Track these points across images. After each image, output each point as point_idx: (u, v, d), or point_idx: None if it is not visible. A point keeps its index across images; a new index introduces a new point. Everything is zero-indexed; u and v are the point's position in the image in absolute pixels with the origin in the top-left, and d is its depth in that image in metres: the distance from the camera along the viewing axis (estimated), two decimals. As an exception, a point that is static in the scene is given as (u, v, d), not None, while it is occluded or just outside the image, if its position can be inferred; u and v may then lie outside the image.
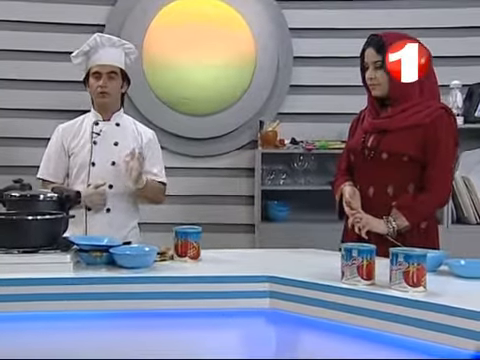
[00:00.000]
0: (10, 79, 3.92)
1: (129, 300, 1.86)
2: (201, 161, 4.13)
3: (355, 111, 3.91)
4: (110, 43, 2.81)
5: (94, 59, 2.80)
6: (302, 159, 3.98)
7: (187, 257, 2.12)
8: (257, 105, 4.09)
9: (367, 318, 1.64)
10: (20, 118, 3.95)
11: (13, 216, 1.97)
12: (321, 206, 4.00)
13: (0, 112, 3.94)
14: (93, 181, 2.76)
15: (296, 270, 1.97)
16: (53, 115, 3.84)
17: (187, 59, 3.99)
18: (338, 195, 2.52)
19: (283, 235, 3.84)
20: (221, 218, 4.09)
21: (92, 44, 2.79)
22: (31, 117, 3.94)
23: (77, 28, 3.98)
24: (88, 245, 1.99)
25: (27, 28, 3.96)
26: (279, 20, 4.08)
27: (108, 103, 2.82)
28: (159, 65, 3.98)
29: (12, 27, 3.95)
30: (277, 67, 4.08)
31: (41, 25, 3.98)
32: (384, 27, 3.49)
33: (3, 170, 3.82)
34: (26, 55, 3.94)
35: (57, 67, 3.91)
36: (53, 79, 3.95)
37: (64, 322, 1.86)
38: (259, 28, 4.05)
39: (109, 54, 2.80)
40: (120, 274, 1.90)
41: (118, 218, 2.82)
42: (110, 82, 2.79)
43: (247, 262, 2.17)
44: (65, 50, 3.85)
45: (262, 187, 3.90)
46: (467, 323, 1.47)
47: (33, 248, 1.94)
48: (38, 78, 3.94)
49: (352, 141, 2.53)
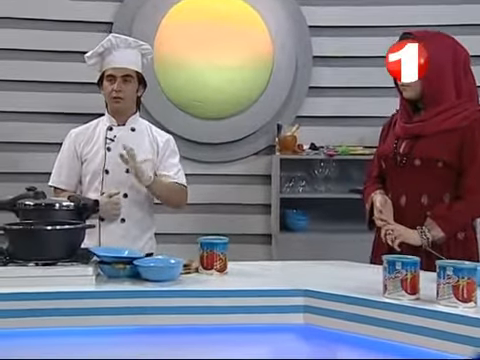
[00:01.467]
0: (17, 80, 3.97)
1: (155, 315, 1.87)
2: (215, 167, 4.16)
3: (379, 114, 3.98)
4: (125, 44, 2.82)
5: (108, 61, 2.82)
6: (322, 165, 4.01)
7: (213, 270, 2.13)
8: (274, 108, 4.12)
9: (412, 335, 1.66)
10: (29, 122, 3.98)
11: (31, 226, 1.98)
12: (342, 215, 4.04)
13: (8, 115, 3.99)
14: (107, 189, 2.78)
15: (329, 283, 1.98)
16: (65, 119, 3.88)
17: (200, 59, 4.03)
18: (368, 204, 2.53)
19: (302, 246, 3.87)
20: (236, 228, 4.11)
21: (106, 45, 2.80)
22: (41, 121, 3.98)
23: (84, 26, 4.04)
24: (110, 257, 2.01)
25: (31, 26, 4.00)
26: (297, 17, 4.11)
27: (122, 108, 2.84)
28: (170, 65, 4.02)
29: (16, 25, 3.99)
30: (295, 67, 4.11)
31: (46, 23, 4.02)
32: (413, 24, 3.51)
33: (13, 177, 3.88)
34: (32, 55, 3.99)
35: (65, 67, 3.97)
36: (62, 80, 3.99)
37: (85, 338, 1.87)
38: (276, 26, 4.09)
39: (124, 56, 2.82)
40: (146, 287, 1.92)
41: (133, 229, 2.83)
42: (125, 86, 2.80)
43: (276, 275, 2.19)
44: (71, 49, 3.94)
45: (280, 195, 3.94)
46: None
47: (52, 260, 1.96)
48: (45, 79, 3.99)
49: (383, 147, 2.55)
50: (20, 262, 1.97)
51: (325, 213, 4.08)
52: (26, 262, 1.96)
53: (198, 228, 4.07)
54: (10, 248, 1.99)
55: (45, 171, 3.31)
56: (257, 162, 4.17)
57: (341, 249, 3.65)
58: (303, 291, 1.88)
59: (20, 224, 2.04)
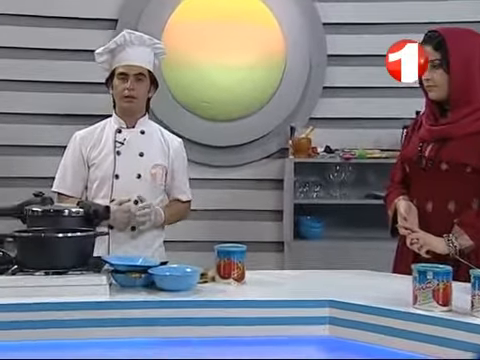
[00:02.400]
0: (17, 80, 4.00)
1: (172, 326, 1.88)
2: (224, 172, 4.18)
3: (398, 116, 4.02)
4: (140, 41, 2.83)
5: (120, 58, 2.82)
6: (338, 169, 4.03)
7: (231, 279, 2.14)
8: (287, 109, 4.14)
9: (444, 348, 1.66)
10: (30, 124, 4.01)
11: (41, 233, 2.00)
12: (359, 222, 4.06)
13: (7, 117, 4.01)
14: (117, 196, 2.78)
15: (353, 293, 1.99)
16: (68, 120, 3.92)
17: (209, 58, 4.06)
18: (391, 210, 2.54)
19: (316, 254, 3.88)
20: (246, 235, 4.10)
21: (120, 41, 2.81)
22: (43, 123, 4.02)
23: (87, 23, 4.06)
24: (125, 265, 2.02)
25: (31, 23, 4.03)
26: (311, 14, 4.14)
27: (134, 108, 2.85)
28: (178, 65, 4.03)
29: (15, 22, 4.02)
30: (309, 66, 4.14)
31: (47, 19, 4.05)
32: (433, 21, 3.53)
33: (13, 182, 3.91)
34: (33, 53, 4.02)
35: (67, 66, 4.00)
36: (64, 80, 4.02)
37: (99, 351, 1.87)
38: (289, 23, 4.11)
39: (138, 53, 2.83)
40: (162, 297, 1.92)
41: (143, 237, 2.85)
42: (138, 85, 2.81)
43: (296, 285, 2.19)
44: (74, 47, 3.97)
45: (294, 201, 3.94)
46: None
47: (63, 269, 1.97)
48: (46, 79, 4.02)
49: (407, 150, 2.55)
50: (29, 271, 1.98)
51: (341, 220, 4.10)
52: (36, 271, 1.97)
53: (206, 235, 4.09)
54: (19, 256, 2.00)
55: (47, 176, 3.33)
56: (269, 166, 4.19)
57: (358, 258, 3.67)
58: (327, 302, 1.89)
59: (30, 231, 2.05)
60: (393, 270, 2.56)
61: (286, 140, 4.12)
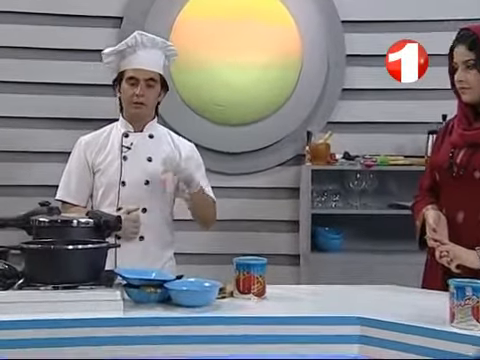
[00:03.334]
0: (15, 82, 4.02)
1: (190, 344, 1.88)
2: (236, 180, 4.19)
3: (423, 120, 4.03)
4: (152, 44, 2.85)
5: (130, 61, 2.84)
6: (358, 177, 4.03)
7: (251, 294, 2.15)
8: (303, 113, 4.16)
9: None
10: (31, 128, 4.03)
11: (51, 245, 2.01)
12: (381, 234, 4.06)
13: (5, 121, 4.03)
14: (123, 204, 2.79)
15: (383, 310, 2.00)
16: (72, 125, 3.94)
17: (220, 58, 4.08)
18: (419, 221, 2.55)
19: (335, 268, 3.88)
20: (259, 247, 4.11)
21: (131, 43, 2.83)
22: (44, 127, 4.04)
23: (90, 21, 4.09)
24: (139, 279, 2.03)
25: (30, 21, 4.06)
26: (329, 11, 4.16)
27: (143, 114, 2.87)
28: (187, 65, 4.04)
29: (12, 20, 4.04)
30: (327, 67, 4.15)
31: (47, 17, 4.08)
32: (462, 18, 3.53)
33: (10, 190, 3.93)
34: (33, 53, 4.04)
35: (70, 67, 4.03)
36: (66, 82, 4.04)
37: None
38: (306, 21, 4.13)
39: (149, 57, 2.84)
40: (180, 314, 1.93)
41: (153, 248, 2.86)
42: (148, 91, 2.83)
43: (321, 300, 2.20)
44: (77, 47, 4.00)
45: (311, 211, 3.95)
46: None
47: (73, 283, 1.98)
48: (47, 80, 4.04)
49: (437, 156, 2.56)
50: (38, 285, 1.98)
51: (361, 231, 4.10)
52: (44, 285, 1.98)
53: (217, 247, 4.11)
54: (26, 270, 2.01)
55: (48, 184, 3.36)
56: (284, 174, 4.20)
57: (380, 272, 3.67)
58: (357, 319, 1.89)
59: (38, 243, 2.06)
60: (422, 285, 2.57)
61: (302, 146, 4.13)
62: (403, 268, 3.62)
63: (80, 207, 2.87)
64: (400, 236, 3.94)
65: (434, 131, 3.73)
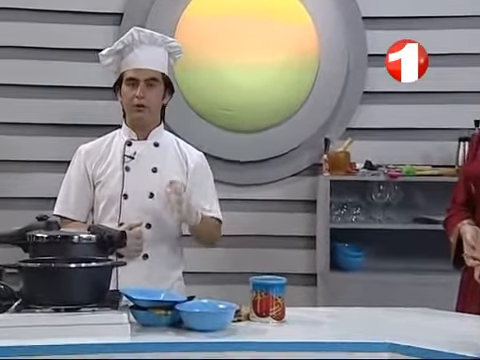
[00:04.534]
0: (8, 84, 4.03)
1: (205, 372, 1.90)
2: (247, 191, 4.20)
3: (453, 126, 4.04)
4: (151, 40, 2.87)
5: (129, 60, 2.86)
6: (381, 189, 4.03)
7: (269, 317, 2.16)
8: (321, 118, 4.17)
9: None
10: (25, 136, 4.04)
11: (51, 263, 2.02)
12: (406, 251, 4.06)
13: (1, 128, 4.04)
14: (126, 219, 2.80)
15: (415, 335, 2.00)
16: (71, 132, 3.95)
17: (229, 58, 4.09)
18: (454, 237, 2.56)
19: (356, 289, 3.88)
20: (272, 265, 4.09)
21: (128, 41, 2.85)
22: (40, 134, 4.05)
23: (88, 18, 4.11)
24: (147, 300, 2.04)
25: (24, 18, 4.07)
26: (349, 6, 4.17)
27: (145, 119, 2.88)
28: (193, 66, 4.06)
29: (5, 17, 4.06)
30: (347, 68, 4.16)
31: (42, 14, 4.09)
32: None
33: (9, 203, 3.94)
34: (27, 52, 4.06)
35: (68, 68, 4.05)
36: (65, 84, 4.06)
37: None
38: (323, 17, 4.15)
39: (149, 55, 2.86)
40: (193, 338, 1.94)
41: (158, 267, 2.86)
42: (149, 91, 2.84)
43: (347, 324, 2.21)
44: (74, 46, 4.03)
45: (329, 225, 3.95)
46: None
47: (76, 305, 1.99)
48: (43, 83, 4.05)
49: (472, 166, 2.58)
50: (37, 307, 2.00)
51: (384, 248, 4.09)
52: (44, 307, 2.00)
53: (227, 266, 4.11)
54: (24, 290, 2.03)
55: (43, 196, 3.36)
56: (299, 185, 4.21)
57: (406, 293, 3.67)
58: (387, 345, 1.90)
59: (37, 261, 2.07)
60: (456, 308, 2.58)
61: (320, 154, 4.14)
62: (432, 289, 3.63)
63: (80, 223, 2.88)
64: (428, 254, 3.97)
65: (466, 138, 3.75)
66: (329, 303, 3.82)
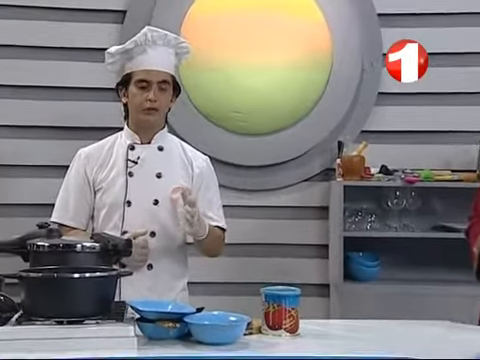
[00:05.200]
0: (2, 85, 4.04)
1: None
2: (256, 197, 4.21)
3: (474, 128, 4.03)
4: (164, 41, 2.89)
5: (139, 61, 2.87)
6: (398, 195, 4.03)
7: (282, 330, 2.17)
8: (333, 120, 4.18)
9: None
10: (21, 139, 4.05)
11: (54, 273, 2.03)
12: (425, 260, 4.06)
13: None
14: (129, 227, 2.82)
15: (438, 351, 2.00)
16: (69, 134, 3.97)
17: (238, 58, 4.10)
18: (478, 247, 2.56)
19: (371, 300, 3.89)
20: (282, 275, 4.10)
21: (141, 40, 2.86)
22: (37, 137, 4.05)
23: (88, 15, 4.11)
24: (154, 312, 2.05)
25: (22, 16, 4.08)
26: (364, 3, 4.17)
27: (153, 122, 2.90)
28: (200, 65, 4.06)
29: (4, 14, 4.07)
30: (361, 68, 4.17)
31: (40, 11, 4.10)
32: None
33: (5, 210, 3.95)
34: (24, 52, 4.07)
35: (67, 68, 4.06)
36: (63, 85, 4.07)
37: None
38: (336, 14, 4.15)
39: (162, 56, 2.88)
40: (203, 352, 1.94)
41: (163, 277, 2.87)
42: (161, 95, 2.86)
43: (363, 338, 2.21)
44: (73, 45, 4.04)
45: (343, 233, 3.95)
46: None
47: (80, 317, 2.00)
48: (41, 83, 4.06)
49: (495, 171, 2.58)
50: (38, 320, 2.01)
51: (401, 257, 4.10)
52: (46, 320, 2.01)
53: (234, 276, 4.12)
54: (25, 302, 2.04)
55: (40, 202, 3.37)
56: (311, 190, 4.21)
57: (424, 306, 3.68)
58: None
59: (38, 271, 2.08)
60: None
61: (332, 159, 4.15)
62: (453, 301, 3.62)
63: (79, 231, 2.90)
64: (447, 263, 3.97)
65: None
66: (342, 315, 3.83)
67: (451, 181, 3.96)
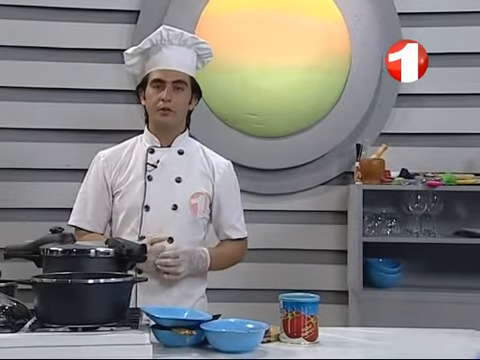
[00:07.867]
0: (16, 87, 4.08)
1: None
2: (273, 201, 4.22)
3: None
4: (180, 40, 2.90)
5: (155, 61, 2.89)
6: (419, 199, 4.02)
7: (301, 338, 2.18)
8: (352, 122, 4.18)
9: None
10: (37, 142, 4.08)
11: (68, 279, 2.04)
12: (447, 267, 4.05)
13: (5, 133, 4.08)
14: (147, 232, 2.83)
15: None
16: (87, 137, 3.99)
17: (254, 58, 4.11)
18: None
19: (391, 307, 3.89)
20: (299, 282, 4.11)
21: (156, 40, 2.88)
22: (53, 140, 4.09)
23: (102, 16, 4.15)
24: (170, 319, 2.06)
25: (33, 16, 4.12)
26: (384, 2, 4.18)
27: (170, 123, 2.91)
28: (215, 66, 4.00)
29: (11, 14, 4.10)
30: (380, 68, 4.16)
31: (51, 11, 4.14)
32: None
33: (11, 215, 3.97)
34: (36, 53, 4.10)
35: (82, 69, 4.08)
36: (79, 87, 4.10)
37: None
38: (356, 14, 4.16)
39: (177, 56, 2.89)
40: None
41: (181, 284, 2.88)
42: (176, 95, 2.87)
43: (384, 346, 2.21)
44: (87, 46, 4.08)
45: (362, 238, 3.95)
46: None
47: (94, 324, 2.01)
48: (55, 85, 4.09)
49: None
50: (52, 326, 2.03)
51: (423, 263, 4.10)
52: (60, 326, 2.02)
53: (251, 282, 4.13)
54: (39, 308, 2.05)
55: (60, 206, 3.39)
56: (329, 194, 4.22)
57: (447, 313, 3.67)
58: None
59: (52, 276, 2.10)
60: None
61: (351, 162, 4.15)
62: (476, 309, 3.61)
63: (97, 234, 2.92)
64: (471, 270, 3.97)
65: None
66: (361, 323, 3.81)
67: (474, 185, 3.94)
